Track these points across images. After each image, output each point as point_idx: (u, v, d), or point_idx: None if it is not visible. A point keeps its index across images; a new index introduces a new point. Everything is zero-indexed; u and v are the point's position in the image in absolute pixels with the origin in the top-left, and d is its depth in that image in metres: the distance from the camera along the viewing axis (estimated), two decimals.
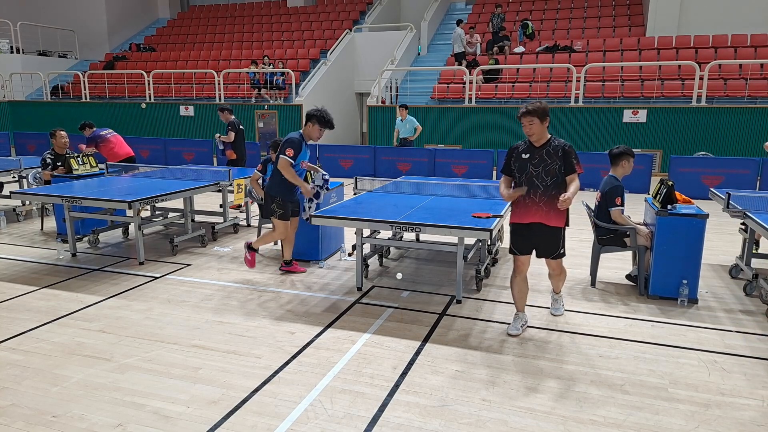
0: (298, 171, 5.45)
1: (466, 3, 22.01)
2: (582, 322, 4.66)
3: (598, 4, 18.87)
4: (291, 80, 17.21)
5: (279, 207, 5.54)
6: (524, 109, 4.09)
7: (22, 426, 3.14)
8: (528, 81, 15.79)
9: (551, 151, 4.14)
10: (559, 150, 4.13)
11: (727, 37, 15.62)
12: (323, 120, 5.32)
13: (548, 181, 4.15)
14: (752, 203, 5.79)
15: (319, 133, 5.39)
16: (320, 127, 5.34)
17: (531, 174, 4.19)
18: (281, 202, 5.53)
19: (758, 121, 12.89)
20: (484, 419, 3.22)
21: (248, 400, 3.41)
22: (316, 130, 5.37)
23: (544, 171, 4.15)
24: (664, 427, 3.16)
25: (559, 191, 4.14)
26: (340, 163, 13.72)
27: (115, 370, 3.79)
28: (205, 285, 5.55)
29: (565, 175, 4.15)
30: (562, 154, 4.12)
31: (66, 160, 7.47)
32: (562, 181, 4.17)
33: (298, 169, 5.43)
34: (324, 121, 5.33)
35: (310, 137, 5.43)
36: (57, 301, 5.08)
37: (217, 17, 24.36)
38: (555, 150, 4.13)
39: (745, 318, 4.77)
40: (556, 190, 4.15)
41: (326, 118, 5.34)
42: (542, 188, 4.16)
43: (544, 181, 4.16)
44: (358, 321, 4.65)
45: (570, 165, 4.13)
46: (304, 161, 5.50)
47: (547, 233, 4.29)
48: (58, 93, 20.33)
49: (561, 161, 4.12)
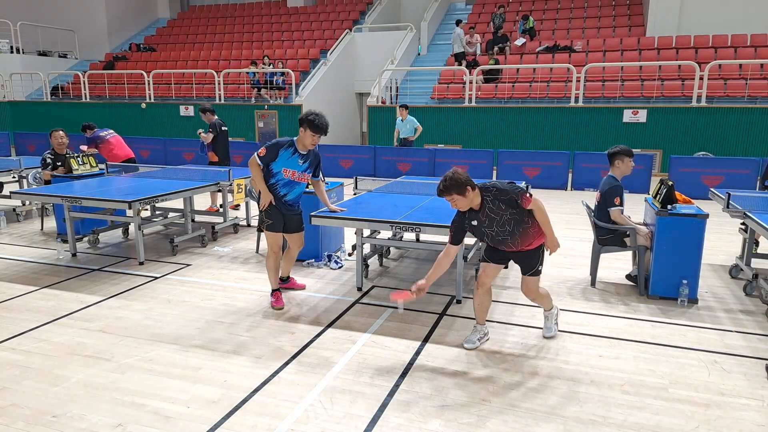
0: (283, 180, 4.79)
1: (466, 3, 22.02)
2: (582, 322, 4.66)
3: (598, 4, 18.87)
4: (291, 80, 17.21)
5: (267, 216, 4.87)
6: (440, 187, 3.75)
7: (22, 426, 3.14)
8: (528, 81, 15.79)
9: (492, 207, 3.81)
10: (496, 203, 3.80)
11: (727, 37, 15.62)
12: (314, 125, 4.66)
13: (509, 228, 3.86)
14: (752, 203, 5.79)
15: (312, 139, 4.72)
16: (312, 132, 4.68)
17: (491, 235, 3.91)
18: (270, 210, 4.85)
19: (758, 121, 12.90)
20: (484, 419, 3.22)
21: (248, 400, 3.41)
22: (308, 137, 4.71)
23: (498, 226, 3.86)
24: (664, 427, 3.16)
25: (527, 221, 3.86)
26: (340, 163, 13.72)
27: (115, 370, 3.79)
28: (205, 285, 5.55)
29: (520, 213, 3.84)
30: (503, 204, 3.79)
31: (66, 160, 7.46)
32: (522, 216, 3.85)
33: (281, 177, 4.78)
34: (315, 126, 4.66)
35: (303, 144, 4.78)
36: (57, 301, 5.08)
37: (217, 17, 24.36)
38: (494, 206, 3.80)
39: (745, 318, 4.77)
40: (523, 226, 3.87)
41: (318, 123, 4.66)
42: (509, 237, 3.89)
43: (505, 229, 3.87)
44: (358, 321, 4.65)
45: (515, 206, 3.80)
46: (290, 170, 4.79)
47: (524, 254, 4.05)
48: (58, 93, 20.33)
49: (508, 208, 3.80)
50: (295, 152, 4.77)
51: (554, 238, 3.94)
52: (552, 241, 3.94)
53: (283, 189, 4.84)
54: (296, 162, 4.80)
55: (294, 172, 4.82)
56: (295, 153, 4.77)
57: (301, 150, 4.78)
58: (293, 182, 4.85)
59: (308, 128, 4.68)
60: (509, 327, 4.55)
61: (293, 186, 4.87)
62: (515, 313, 4.84)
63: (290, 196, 4.90)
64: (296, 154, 4.78)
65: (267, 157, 4.73)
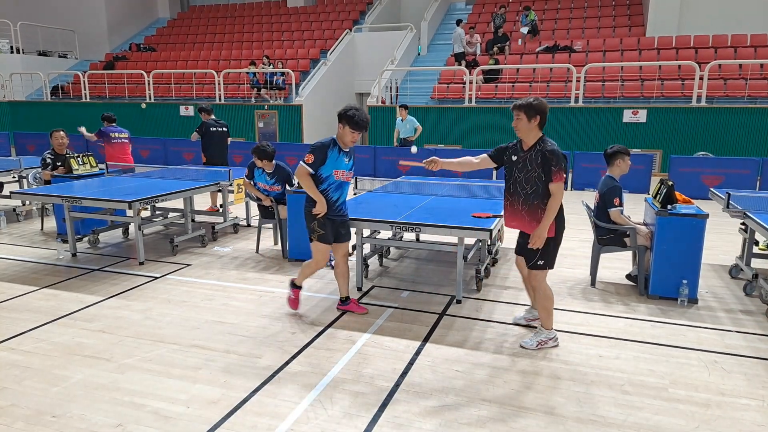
0: (334, 183, 4.47)
1: (466, 3, 22.02)
2: (582, 322, 4.66)
3: (598, 4, 18.87)
4: (291, 80, 17.21)
5: (319, 226, 4.49)
6: (520, 101, 3.85)
7: (22, 426, 3.14)
8: (528, 81, 15.79)
9: (533, 156, 3.81)
10: (539, 156, 3.79)
11: (727, 37, 15.62)
12: (354, 121, 4.30)
13: (528, 189, 3.86)
14: (752, 203, 5.80)
15: (352, 136, 4.37)
16: (351, 129, 4.32)
17: (515, 179, 3.93)
18: (321, 220, 4.47)
19: (758, 121, 12.89)
20: (484, 419, 3.22)
21: (248, 400, 3.40)
22: (347, 133, 4.35)
23: (525, 178, 3.86)
24: (664, 427, 3.16)
25: (543, 201, 3.85)
26: None
27: (115, 370, 3.78)
28: (205, 285, 5.55)
29: (546, 183, 3.81)
30: (541, 161, 3.77)
31: (66, 160, 7.46)
32: (545, 190, 3.83)
33: (332, 181, 4.45)
34: (355, 123, 4.30)
35: (343, 142, 4.43)
36: (57, 301, 5.08)
37: (217, 17, 24.36)
38: (536, 156, 3.80)
39: (745, 318, 4.77)
40: (538, 200, 3.86)
41: (357, 119, 4.30)
42: (522, 197, 3.90)
43: (525, 189, 3.88)
44: (358, 321, 4.65)
45: (548, 172, 3.75)
46: (339, 170, 4.45)
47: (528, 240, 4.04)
48: (58, 93, 20.33)
49: (540, 169, 3.77)
50: (341, 151, 4.44)
51: (544, 233, 3.90)
52: (541, 232, 3.89)
53: (335, 193, 4.50)
54: (343, 161, 4.47)
55: (343, 172, 4.49)
56: (341, 152, 4.45)
57: (343, 147, 4.46)
58: (343, 183, 4.55)
59: (347, 124, 4.33)
60: (509, 327, 4.55)
61: (343, 187, 4.58)
62: (515, 313, 4.83)
63: (342, 198, 4.59)
64: (342, 152, 4.45)
65: (316, 163, 4.36)
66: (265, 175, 6.65)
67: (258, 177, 6.71)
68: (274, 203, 6.62)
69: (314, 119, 17.23)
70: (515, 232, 4.36)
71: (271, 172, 6.63)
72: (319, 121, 17.52)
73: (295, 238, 6.29)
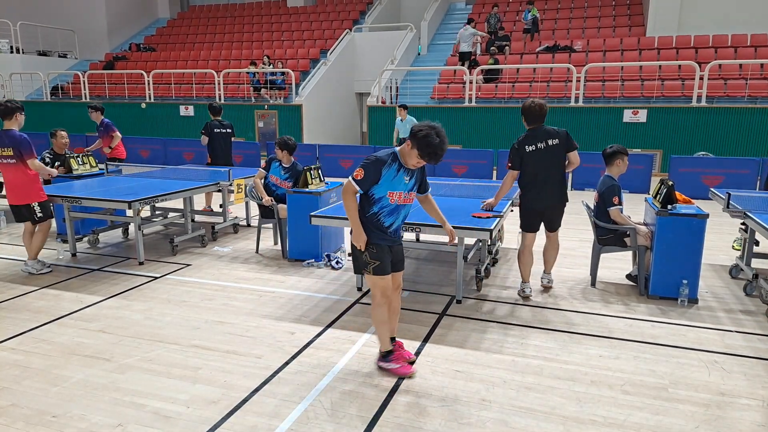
0: (388, 207, 3.59)
1: (466, 3, 22.01)
2: (582, 322, 4.66)
3: (598, 4, 18.88)
4: (291, 80, 17.21)
5: (372, 256, 3.61)
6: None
7: (22, 426, 3.14)
8: (528, 81, 15.79)
9: None
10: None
11: (727, 37, 15.63)
12: (427, 149, 3.38)
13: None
14: (752, 203, 5.80)
15: (418, 162, 3.50)
16: (420, 157, 3.43)
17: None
18: (374, 248, 3.61)
19: (758, 121, 12.89)
20: (484, 419, 3.22)
21: (248, 400, 3.40)
22: (413, 157, 3.47)
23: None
24: (664, 427, 3.16)
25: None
26: (340, 163, 13.72)
27: (115, 370, 3.78)
28: (205, 285, 5.55)
29: None
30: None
31: (66, 160, 7.47)
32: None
33: (386, 204, 3.58)
34: (427, 153, 3.39)
35: (406, 161, 3.56)
36: (57, 301, 5.08)
37: (217, 17, 24.37)
38: None
39: (745, 318, 4.77)
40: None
41: (432, 149, 3.36)
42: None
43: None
44: (358, 321, 4.65)
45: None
46: (396, 192, 3.58)
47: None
48: (58, 93, 20.34)
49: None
50: (401, 167, 3.56)
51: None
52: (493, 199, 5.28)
53: (387, 219, 3.64)
54: (402, 180, 3.58)
55: (401, 194, 3.60)
56: (401, 169, 3.56)
57: (404, 164, 3.57)
58: (400, 206, 3.66)
59: (417, 148, 3.42)
60: (509, 327, 4.54)
61: (400, 211, 3.68)
62: (515, 313, 4.84)
63: (397, 224, 3.71)
64: (402, 169, 3.56)
65: (366, 181, 3.52)
66: (280, 168, 6.70)
67: (273, 170, 6.73)
68: (274, 203, 6.62)
69: (314, 119, 17.24)
70: (514, 232, 4.36)
71: (287, 167, 6.71)
72: (319, 121, 17.53)
73: (295, 238, 6.30)
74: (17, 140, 5.47)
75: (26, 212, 5.66)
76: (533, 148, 4.92)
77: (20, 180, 5.55)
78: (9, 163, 5.52)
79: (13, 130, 5.53)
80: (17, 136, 5.49)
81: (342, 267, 6.15)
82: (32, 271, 5.78)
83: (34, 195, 5.61)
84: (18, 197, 5.59)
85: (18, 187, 5.57)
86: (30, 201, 5.59)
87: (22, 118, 5.65)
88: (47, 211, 5.74)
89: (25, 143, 5.48)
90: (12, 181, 5.58)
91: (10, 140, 5.47)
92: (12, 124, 5.55)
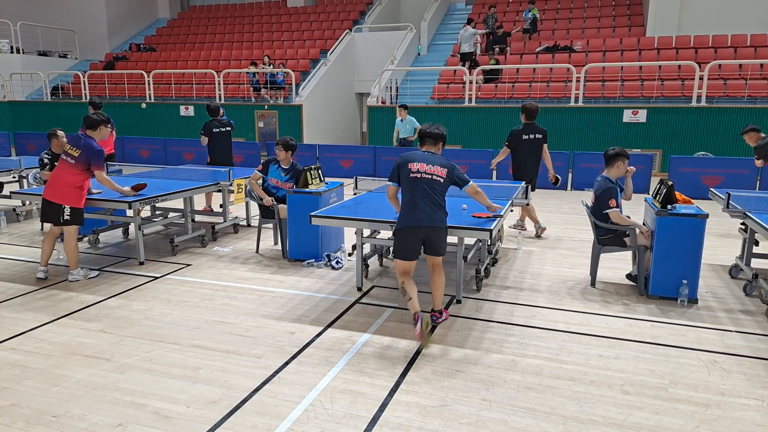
0: None
1: (466, 3, 22.02)
2: (582, 322, 4.66)
3: (598, 4, 18.88)
4: (291, 80, 17.21)
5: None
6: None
7: (22, 426, 3.14)
8: (528, 81, 15.79)
9: None
10: None
11: (727, 37, 15.63)
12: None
13: None
14: (752, 203, 5.80)
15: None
16: None
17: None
18: None
19: (758, 121, 12.86)
20: (484, 419, 3.22)
21: (248, 400, 3.41)
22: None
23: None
24: (664, 427, 3.16)
25: None
26: (340, 163, 13.72)
27: (115, 370, 3.79)
28: (205, 285, 5.55)
29: None
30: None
31: None
32: None
33: None
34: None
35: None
36: (57, 301, 5.08)
37: (217, 17, 24.37)
38: None
39: (745, 318, 4.77)
40: None
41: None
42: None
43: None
44: (358, 321, 4.65)
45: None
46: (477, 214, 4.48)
47: None
48: (58, 93, 20.34)
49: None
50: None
51: None
52: None
53: None
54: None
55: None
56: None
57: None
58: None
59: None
60: (509, 327, 4.55)
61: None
62: (515, 313, 4.84)
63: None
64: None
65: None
66: (280, 170, 6.71)
67: (272, 173, 6.73)
68: (275, 203, 6.62)
69: (314, 119, 17.24)
70: (514, 232, 4.35)
71: (287, 168, 6.71)
72: (319, 121, 17.53)
73: (295, 238, 6.30)
74: (91, 150, 5.44)
75: (54, 211, 5.49)
76: (527, 138, 7.23)
77: (67, 180, 5.46)
78: (69, 162, 5.47)
79: (92, 140, 5.51)
80: (93, 147, 5.45)
81: (342, 267, 6.15)
82: (79, 278, 5.68)
83: (70, 200, 5.49)
84: (54, 194, 5.46)
85: (60, 185, 5.46)
86: (63, 202, 5.46)
87: (107, 131, 5.70)
88: (77, 218, 5.58)
89: (98, 156, 5.47)
90: (58, 178, 5.50)
91: (85, 148, 5.42)
92: (95, 134, 5.57)
